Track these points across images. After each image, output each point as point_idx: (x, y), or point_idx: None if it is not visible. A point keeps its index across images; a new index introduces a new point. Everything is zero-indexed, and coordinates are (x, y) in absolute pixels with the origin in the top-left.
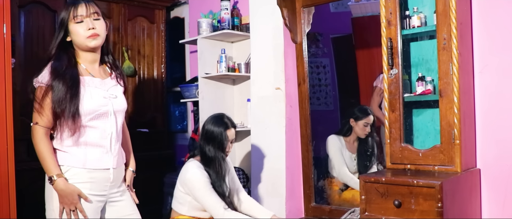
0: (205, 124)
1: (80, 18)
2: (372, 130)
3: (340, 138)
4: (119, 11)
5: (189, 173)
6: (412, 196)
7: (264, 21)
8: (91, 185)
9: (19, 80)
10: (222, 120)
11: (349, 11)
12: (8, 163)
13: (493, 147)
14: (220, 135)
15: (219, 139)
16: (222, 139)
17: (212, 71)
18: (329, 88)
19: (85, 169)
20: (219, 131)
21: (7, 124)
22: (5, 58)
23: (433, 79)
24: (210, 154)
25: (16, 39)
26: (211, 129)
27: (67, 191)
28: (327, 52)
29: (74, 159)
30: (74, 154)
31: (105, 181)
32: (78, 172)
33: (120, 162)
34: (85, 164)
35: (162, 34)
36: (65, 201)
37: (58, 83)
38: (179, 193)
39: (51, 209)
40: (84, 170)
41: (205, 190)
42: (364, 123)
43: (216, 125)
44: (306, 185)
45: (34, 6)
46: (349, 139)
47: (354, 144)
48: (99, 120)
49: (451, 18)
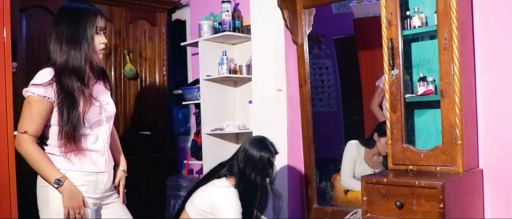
0: (247, 148)
1: (99, 30)
2: None
3: (360, 147)
4: (121, 14)
5: (227, 203)
6: (414, 197)
7: (265, 22)
8: (87, 188)
9: (21, 84)
10: (267, 146)
11: (351, 12)
12: (9, 166)
13: (495, 147)
14: (268, 163)
15: (266, 167)
16: (268, 167)
17: (214, 73)
18: (332, 90)
19: (82, 172)
20: (266, 158)
21: (8, 127)
22: (5, 61)
23: (434, 79)
24: (254, 181)
25: (17, 42)
26: (258, 155)
27: (75, 193)
28: (330, 54)
29: (70, 163)
30: (70, 158)
31: (100, 184)
32: (75, 175)
33: (112, 164)
34: (82, 167)
35: (163, 37)
36: (72, 202)
37: (66, 98)
38: (202, 205)
39: (48, 213)
40: (80, 173)
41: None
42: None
43: (263, 151)
44: (308, 186)
45: (36, 10)
46: (369, 151)
47: (374, 158)
48: (94, 127)
49: (452, 18)
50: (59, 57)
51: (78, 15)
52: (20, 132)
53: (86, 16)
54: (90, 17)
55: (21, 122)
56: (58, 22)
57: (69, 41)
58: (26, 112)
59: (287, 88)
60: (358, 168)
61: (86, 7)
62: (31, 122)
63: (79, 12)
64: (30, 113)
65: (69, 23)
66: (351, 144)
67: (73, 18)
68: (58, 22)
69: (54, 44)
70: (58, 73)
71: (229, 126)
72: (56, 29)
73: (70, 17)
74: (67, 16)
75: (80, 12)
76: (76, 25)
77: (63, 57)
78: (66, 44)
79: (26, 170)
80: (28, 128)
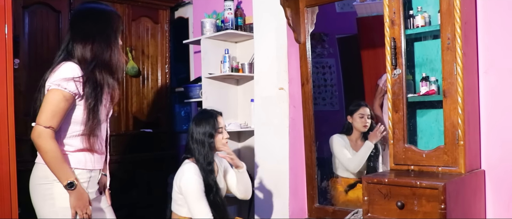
0: (191, 126)
1: (120, 33)
2: (372, 124)
3: (343, 137)
4: (123, 12)
5: (185, 176)
6: (415, 197)
7: (267, 21)
8: (88, 184)
9: (23, 81)
10: (204, 118)
11: (354, 11)
12: (9, 164)
13: (498, 148)
14: (207, 136)
15: (207, 139)
16: (209, 138)
17: (216, 71)
18: (335, 88)
19: (86, 169)
20: (203, 131)
21: (9, 124)
22: (6, 58)
23: (437, 79)
24: (200, 156)
25: (20, 39)
26: (197, 130)
27: (83, 194)
28: (333, 52)
29: (77, 161)
30: (76, 156)
31: (97, 179)
32: (80, 173)
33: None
34: (86, 165)
35: (166, 35)
36: (80, 204)
37: (97, 94)
38: (176, 194)
39: (53, 211)
40: (84, 171)
41: (197, 199)
42: (359, 115)
43: (201, 125)
44: (309, 185)
45: (38, 6)
46: (352, 138)
47: (358, 143)
48: (99, 126)
49: (456, 17)
50: (89, 55)
51: (105, 16)
52: (45, 126)
53: (113, 18)
54: (116, 20)
55: (45, 115)
56: (83, 21)
57: (98, 41)
58: (52, 105)
59: (289, 87)
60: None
61: (110, 10)
62: (56, 117)
63: (105, 14)
64: (57, 108)
65: (95, 23)
66: (335, 137)
67: (99, 19)
68: (83, 21)
69: (81, 42)
70: (90, 70)
71: (230, 124)
72: (80, 27)
73: (96, 18)
74: (92, 16)
75: (106, 14)
76: (104, 26)
77: (92, 55)
78: (96, 43)
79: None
80: (53, 123)
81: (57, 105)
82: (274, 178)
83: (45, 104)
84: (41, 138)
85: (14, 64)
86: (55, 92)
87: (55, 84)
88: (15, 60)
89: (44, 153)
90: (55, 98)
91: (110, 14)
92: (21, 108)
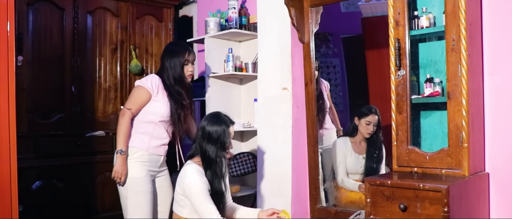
0: (203, 125)
1: (187, 63)
2: (377, 131)
3: (346, 140)
4: (128, 10)
5: (188, 177)
6: (418, 200)
7: (271, 20)
8: (150, 164)
9: (26, 78)
10: (221, 118)
11: (359, 11)
12: (10, 162)
13: (502, 151)
14: (223, 134)
15: (221, 138)
16: (224, 138)
17: (219, 71)
18: (339, 88)
19: (147, 152)
20: (221, 130)
21: (10, 122)
22: (8, 56)
23: (441, 80)
24: (212, 154)
25: (24, 37)
26: (212, 129)
27: (123, 165)
28: (338, 52)
29: (141, 143)
30: (143, 140)
31: (157, 162)
32: (143, 153)
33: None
34: (148, 149)
35: (170, 33)
36: (118, 170)
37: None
38: (179, 195)
39: (127, 178)
40: (146, 153)
41: (203, 197)
42: (366, 121)
43: (217, 124)
44: (312, 186)
45: (42, 4)
46: (355, 140)
47: (361, 145)
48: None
49: (460, 18)
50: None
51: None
52: (127, 108)
53: (180, 52)
54: (182, 52)
55: (129, 101)
56: (163, 55)
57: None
58: (133, 95)
59: (292, 87)
60: (349, 160)
61: (180, 47)
62: (134, 104)
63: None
64: (136, 98)
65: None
66: (338, 142)
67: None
68: (163, 55)
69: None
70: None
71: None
72: (162, 59)
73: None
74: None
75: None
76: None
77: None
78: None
79: (29, 164)
80: (132, 107)
81: (135, 95)
82: (277, 179)
83: (131, 94)
84: (121, 116)
85: (18, 61)
86: (137, 86)
87: (139, 82)
88: (18, 57)
89: (118, 125)
90: (136, 90)
91: (178, 49)
92: (23, 105)
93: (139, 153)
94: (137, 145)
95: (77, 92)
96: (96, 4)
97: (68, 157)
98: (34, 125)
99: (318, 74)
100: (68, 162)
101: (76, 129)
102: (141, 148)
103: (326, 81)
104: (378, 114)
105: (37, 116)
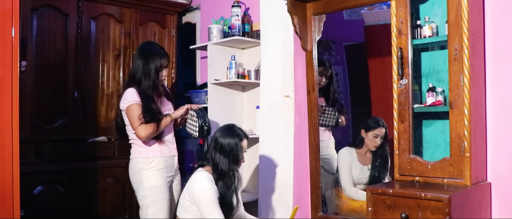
0: (216, 136)
1: (161, 68)
2: (383, 144)
3: (351, 151)
4: (131, 16)
5: (198, 184)
6: (420, 209)
7: (274, 28)
8: (166, 170)
9: (30, 83)
10: (235, 131)
11: (362, 19)
12: (12, 166)
13: (504, 161)
14: (235, 147)
15: (234, 151)
16: (237, 151)
17: (222, 77)
18: (341, 96)
19: (162, 157)
20: (234, 143)
21: (13, 127)
22: (12, 61)
23: (443, 90)
24: (224, 167)
25: (28, 42)
26: (224, 141)
27: (176, 112)
28: (340, 60)
29: (154, 152)
30: (153, 148)
31: (172, 166)
32: (158, 161)
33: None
34: (162, 153)
35: (173, 39)
36: (182, 109)
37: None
38: (185, 201)
39: (143, 189)
40: (161, 159)
41: (212, 206)
42: (374, 134)
43: (230, 136)
44: (313, 194)
45: (47, 9)
46: (361, 151)
47: (367, 156)
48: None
49: (463, 28)
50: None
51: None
52: (138, 124)
53: (155, 56)
54: (157, 57)
55: (134, 121)
56: (136, 57)
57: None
58: (133, 114)
59: (295, 95)
60: (355, 171)
61: (156, 50)
62: (140, 118)
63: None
64: (136, 113)
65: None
66: (343, 152)
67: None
68: (136, 57)
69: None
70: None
71: None
72: (136, 62)
73: (143, 55)
74: (142, 54)
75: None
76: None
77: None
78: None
79: (32, 169)
80: (140, 120)
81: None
82: (278, 186)
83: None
84: (141, 132)
85: (21, 66)
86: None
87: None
88: (22, 62)
89: (150, 135)
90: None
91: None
92: (27, 110)
93: (154, 161)
94: (151, 154)
95: (80, 97)
96: (100, 10)
97: (70, 162)
98: (36, 130)
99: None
100: (70, 168)
101: (78, 134)
102: (155, 156)
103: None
104: (385, 127)
105: (40, 121)
